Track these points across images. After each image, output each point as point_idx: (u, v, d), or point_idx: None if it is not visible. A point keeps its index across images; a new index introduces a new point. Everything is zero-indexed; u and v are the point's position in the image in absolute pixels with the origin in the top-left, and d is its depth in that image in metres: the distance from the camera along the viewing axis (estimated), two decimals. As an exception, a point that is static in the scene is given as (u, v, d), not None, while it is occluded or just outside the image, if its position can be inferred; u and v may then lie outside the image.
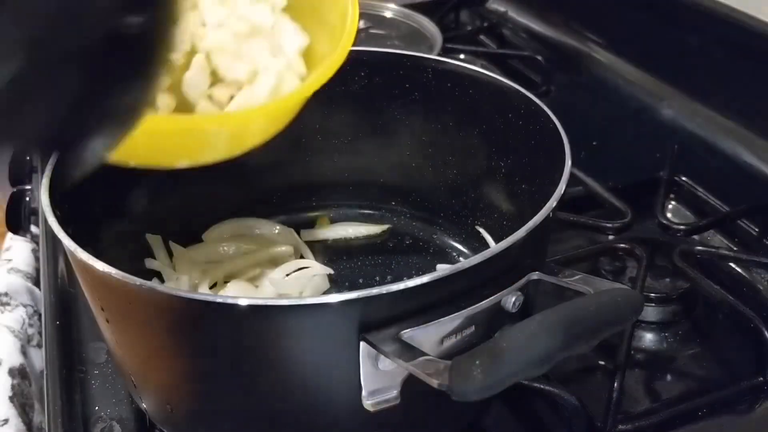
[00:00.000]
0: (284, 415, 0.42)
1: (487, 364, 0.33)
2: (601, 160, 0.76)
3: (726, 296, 0.56)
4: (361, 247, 0.65)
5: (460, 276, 0.38)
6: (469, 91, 0.59)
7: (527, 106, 0.53)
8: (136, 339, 0.44)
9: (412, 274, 0.61)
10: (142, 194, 0.57)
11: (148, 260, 0.59)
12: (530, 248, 0.42)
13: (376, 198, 0.68)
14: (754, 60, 0.74)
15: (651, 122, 0.82)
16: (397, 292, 0.36)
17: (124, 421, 0.50)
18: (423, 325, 0.37)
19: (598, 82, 0.91)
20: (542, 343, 0.34)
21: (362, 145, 0.65)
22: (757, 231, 0.66)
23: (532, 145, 0.53)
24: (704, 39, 0.80)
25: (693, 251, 0.61)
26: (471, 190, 0.62)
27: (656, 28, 0.87)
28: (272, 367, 0.40)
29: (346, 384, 0.39)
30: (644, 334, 0.58)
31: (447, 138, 0.62)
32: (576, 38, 0.98)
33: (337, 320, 0.37)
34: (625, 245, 0.61)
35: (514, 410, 0.51)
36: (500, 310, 0.40)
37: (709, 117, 0.78)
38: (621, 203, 0.65)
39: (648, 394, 0.53)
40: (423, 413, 0.44)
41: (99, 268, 0.38)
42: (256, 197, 0.65)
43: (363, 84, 0.61)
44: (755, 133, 0.74)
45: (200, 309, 0.38)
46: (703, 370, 0.55)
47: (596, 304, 0.37)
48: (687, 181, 0.71)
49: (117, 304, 0.42)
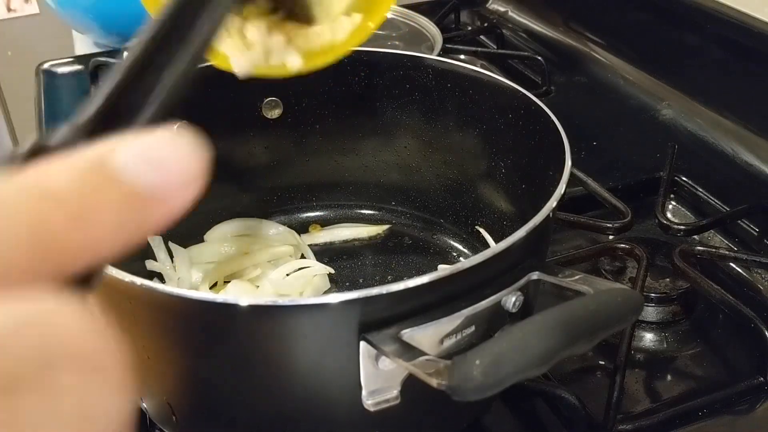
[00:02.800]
0: (284, 414, 0.42)
1: (487, 364, 0.33)
2: (601, 160, 0.76)
3: (726, 296, 0.56)
4: (361, 247, 0.65)
5: (460, 276, 0.38)
6: (469, 91, 0.59)
7: (527, 106, 0.53)
8: (136, 339, 0.44)
9: (412, 274, 0.61)
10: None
11: (149, 262, 0.59)
12: (530, 248, 0.42)
13: (376, 198, 0.68)
14: (754, 60, 0.74)
15: (651, 122, 0.82)
16: (397, 292, 0.36)
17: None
18: (423, 325, 0.37)
19: (598, 82, 0.91)
20: (542, 343, 0.34)
21: (362, 145, 0.65)
22: (757, 231, 0.66)
23: (532, 145, 0.53)
24: (704, 39, 0.80)
25: (693, 251, 0.61)
26: (471, 190, 0.62)
27: (656, 28, 0.87)
28: (272, 367, 0.40)
29: (346, 384, 0.39)
30: (644, 334, 0.58)
31: (447, 138, 0.62)
32: (576, 38, 0.98)
33: (337, 320, 0.37)
34: (625, 245, 0.61)
35: (514, 410, 0.51)
36: (500, 310, 0.40)
37: (709, 117, 0.78)
38: (621, 203, 0.65)
39: (648, 394, 0.53)
40: (423, 413, 0.44)
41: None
42: (257, 197, 0.66)
43: (363, 84, 0.61)
44: (755, 133, 0.74)
45: (200, 309, 0.38)
46: (703, 370, 0.55)
47: (596, 304, 0.37)
48: (687, 181, 0.71)
49: (117, 304, 0.42)
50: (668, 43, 0.85)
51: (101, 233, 0.18)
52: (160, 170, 0.19)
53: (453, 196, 0.64)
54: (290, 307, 0.37)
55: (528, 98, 0.53)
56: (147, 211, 0.19)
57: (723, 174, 0.73)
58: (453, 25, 1.10)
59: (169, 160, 0.19)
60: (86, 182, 0.18)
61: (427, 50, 0.88)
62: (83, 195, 0.18)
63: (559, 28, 1.01)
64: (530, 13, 1.06)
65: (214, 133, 0.67)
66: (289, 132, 0.64)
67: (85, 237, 0.18)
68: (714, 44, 0.79)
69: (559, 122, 0.50)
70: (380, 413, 0.38)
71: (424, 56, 0.61)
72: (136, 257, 0.58)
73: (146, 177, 0.19)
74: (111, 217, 0.18)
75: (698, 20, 0.80)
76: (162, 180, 0.19)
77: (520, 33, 1.05)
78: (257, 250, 0.62)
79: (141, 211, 0.19)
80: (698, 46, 0.81)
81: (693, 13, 0.80)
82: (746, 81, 0.76)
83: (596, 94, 0.90)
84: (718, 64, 0.79)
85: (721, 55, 0.79)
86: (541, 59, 0.93)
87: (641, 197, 0.70)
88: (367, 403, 0.38)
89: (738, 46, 0.76)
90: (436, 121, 0.62)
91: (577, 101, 0.89)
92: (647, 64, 0.88)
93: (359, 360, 0.37)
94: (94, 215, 0.18)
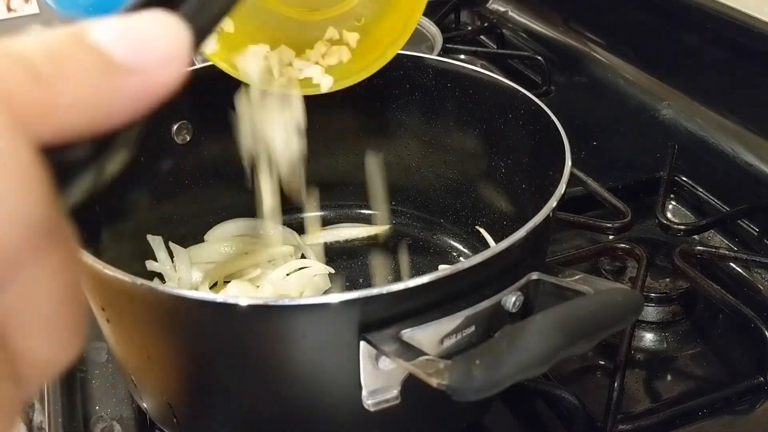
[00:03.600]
0: (284, 414, 0.42)
1: (487, 364, 0.33)
2: (601, 160, 0.76)
3: (726, 296, 0.56)
4: (361, 247, 0.65)
5: (460, 276, 0.38)
6: (469, 91, 0.59)
7: (527, 106, 0.53)
8: (136, 339, 0.44)
9: (412, 274, 0.61)
10: (143, 195, 0.57)
11: (149, 262, 0.59)
12: (530, 248, 0.42)
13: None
14: (754, 60, 0.74)
15: (651, 122, 0.82)
16: (397, 292, 0.36)
17: (125, 420, 0.50)
18: (423, 325, 0.37)
19: (598, 82, 0.91)
20: (542, 343, 0.34)
21: (362, 145, 0.65)
22: (757, 231, 0.66)
23: (532, 145, 0.53)
24: (704, 39, 0.80)
25: (693, 251, 0.61)
26: (471, 190, 0.62)
27: (656, 28, 0.87)
28: (272, 367, 0.40)
29: (346, 384, 0.39)
30: (644, 334, 0.58)
31: (447, 138, 0.62)
32: (576, 38, 0.98)
33: (338, 320, 0.37)
34: (625, 245, 0.61)
35: (514, 410, 0.51)
36: (500, 310, 0.40)
37: (709, 117, 0.78)
38: (621, 203, 0.65)
39: (648, 394, 0.53)
40: (423, 413, 0.44)
41: (99, 269, 0.38)
42: (257, 198, 0.65)
43: (363, 84, 0.61)
44: (755, 133, 0.74)
45: (200, 309, 0.38)
46: (703, 370, 0.55)
47: (596, 304, 0.37)
48: (687, 181, 0.71)
49: (118, 304, 0.42)
50: (668, 43, 0.85)
51: (69, 97, 0.17)
52: (139, 45, 0.18)
53: (453, 196, 0.64)
54: (290, 307, 0.37)
55: (528, 98, 0.53)
56: (122, 81, 0.18)
57: (723, 174, 0.73)
58: (453, 24, 1.10)
59: (150, 37, 0.19)
60: (58, 47, 0.17)
61: (427, 50, 0.88)
62: (53, 57, 0.17)
63: (559, 28, 1.01)
64: (530, 13, 1.06)
65: (214, 132, 0.67)
66: (289, 132, 0.64)
67: (50, 98, 0.17)
68: (714, 44, 0.79)
69: (559, 122, 0.50)
70: (380, 413, 0.38)
71: (424, 56, 0.61)
72: (136, 257, 0.58)
73: (124, 50, 0.18)
74: (81, 80, 0.18)
75: (698, 20, 0.80)
76: (140, 55, 0.18)
77: (520, 33, 1.05)
78: (257, 250, 0.62)
79: (114, 79, 0.18)
80: (698, 46, 0.81)
81: (693, 13, 0.80)
82: (746, 81, 0.76)
83: (596, 94, 0.90)
84: (718, 64, 0.79)
85: (721, 55, 0.79)
86: (541, 59, 0.93)
87: (641, 197, 0.70)
88: (367, 403, 0.38)
89: (738, 46, 0.76)
90: (436, 121, 0.62)
91: (577, 101, 0.89)
92: (647, 64, 0.88)
93: (359, 360, 0.37)
94: (62, 78, 0.17)
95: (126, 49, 0.18)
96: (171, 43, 0.19)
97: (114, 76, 0.18)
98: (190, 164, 0.61)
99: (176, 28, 0.19)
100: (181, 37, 0.19)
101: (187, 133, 0.60)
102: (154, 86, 0.19)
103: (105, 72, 0.18)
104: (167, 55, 0.19)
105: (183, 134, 0.60)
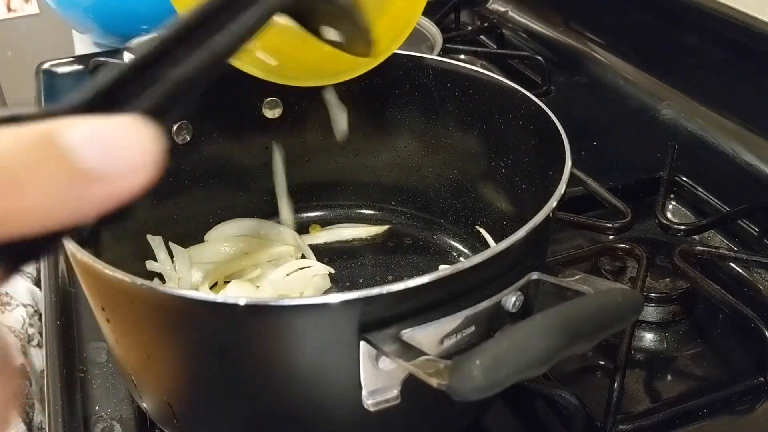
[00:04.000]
0: (284, 415, 0.42)
1: (487, 364, 0.33)
2: (601, 160, 0.76)
3: (726, 296, 0.56)
4: (361, 247, 0.65)
5: (460, 276, 0.38)
6: (469, 91, 0.59)
7: (527, 106, 0.53)
8: (136, 339, 0.44)
9: (412, 274, 0.61)
10: (143, 195, 0.57)
11: (149, 262, 0.59)
12: (530, 248, 0.42)
13: (375, 198, 0.68)
14: (754, 60, 0.74)
15: (651, 122, 0.82)
16: (397, 292, 0.36)
17: (125, 420, 0.50)
18: (423, 325, 0.37)
19: (598, 82, 0.91)
20: (542, 343, 0.34)
21: (362, 145, 0.65)
22: (757, 231, 0.66)
23: (532, 145, 0.53)
24: (704, 39, 0.80)
25: (693, 251, 0.61)
26: (471, 190, 0.62)
27: (656, 28, 0.87)
28: (272, 367, 0.40)
29: (346, 384, 0.39)
30: (644, 334, 0.58)
31: (447, 138, 0.62)
32: (576, 38, 0.98)
33: (338, 320, 0.37)
34: (625, 245, 0.61)
35: (514, 410, 0.51)
36: (500, 310, 0.40)
37: (709, 117, 0.78)
38: (621, 203, 0.65)
39: (648, 394, 0.53)
40: (423, 413, 0.44)
41: (99, 269, 0.38)
42: (257, 197, 0.66)
43: (363, 84, 0.61)
44: (755, 133, 0.74)
45: (200, 309, 0.38)
46: (703, 370, 0.55)
47: (596, 304, 0.37)
48: (687, 181, 0.71)
49: (117, 304, 0.42)
50: (668, 43, 0.85)
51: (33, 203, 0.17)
52: (108, 152, 0.19)
53: (453, 196, 0.64)
54: (290, 307, 0.37)
55: (528, 98, 0.53)
56: (88, 190, 0.18)
57: (723, 174, 0.73)
58: (453, 24, 1.10)
59: (121, 144, 0.19)
60: (30, 151, 0.17)
61: (427, 50, 0.88)
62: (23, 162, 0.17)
63: (559, 28, 1.01)
64: (530, 13, 1.06)
65: (214, 132, 0.67)
66: (289, 132, 0.64)
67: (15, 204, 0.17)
68: (714, 44, 0.79)
69: (559, 122, 0.50)
70: (380, 413, 0.38)
71: (424, 56, 0.61)
72: (136, 257, 0.58)
73: (93, 157, 0.18)
74: (48, 189, 0.18)
75: (698, 20, 0.80)
76: (109, 162, 0.19)
77: (520, 33, 1.05)
78: (257, 250, 0.62)
79: (82, 188, 0.18)
80: (698, 46, 0.81)
81: (693, 13, 0.80)
82: (746, 81, 0.76)
83: (596, 94, 0.90)
84: (718, 64, 0.79)
85: (721, 55, 0.79)
86: (541, 59, 0.93)
87: (641, 197, 0.70)
88: (367, 403, 0.38)
89: (738, 46, 0.76)
90: (436, 121, 0.62)
91: (577, 101, 0.89)
92: (647, 64, 0.88)
93: (359, 360, 0.37)
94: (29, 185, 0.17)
95: (96, 156, 0.18)
96: (142, 152, 0.19)
97: (81, 183, 0.18)
98: (190, 164, 0.61)
99: (147, 136, 0.19)
100: (153, 146, 0.19)
101: (187, 133, 0.60)
102: (119, 193, 0.19)
103: (72, 180, 0.18)
104: (136, 164, 0.19)
105: (183, 134, 0.60)
